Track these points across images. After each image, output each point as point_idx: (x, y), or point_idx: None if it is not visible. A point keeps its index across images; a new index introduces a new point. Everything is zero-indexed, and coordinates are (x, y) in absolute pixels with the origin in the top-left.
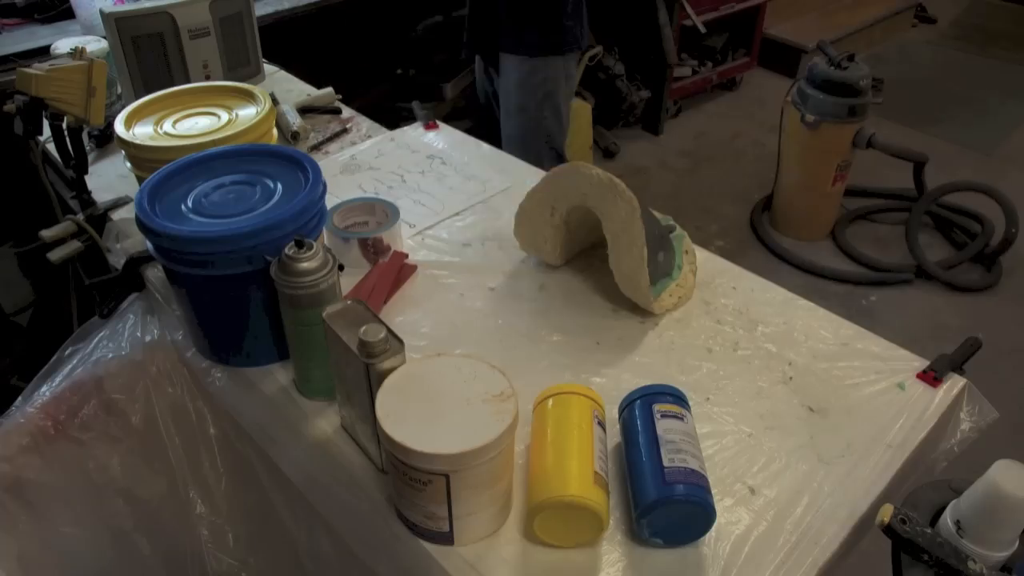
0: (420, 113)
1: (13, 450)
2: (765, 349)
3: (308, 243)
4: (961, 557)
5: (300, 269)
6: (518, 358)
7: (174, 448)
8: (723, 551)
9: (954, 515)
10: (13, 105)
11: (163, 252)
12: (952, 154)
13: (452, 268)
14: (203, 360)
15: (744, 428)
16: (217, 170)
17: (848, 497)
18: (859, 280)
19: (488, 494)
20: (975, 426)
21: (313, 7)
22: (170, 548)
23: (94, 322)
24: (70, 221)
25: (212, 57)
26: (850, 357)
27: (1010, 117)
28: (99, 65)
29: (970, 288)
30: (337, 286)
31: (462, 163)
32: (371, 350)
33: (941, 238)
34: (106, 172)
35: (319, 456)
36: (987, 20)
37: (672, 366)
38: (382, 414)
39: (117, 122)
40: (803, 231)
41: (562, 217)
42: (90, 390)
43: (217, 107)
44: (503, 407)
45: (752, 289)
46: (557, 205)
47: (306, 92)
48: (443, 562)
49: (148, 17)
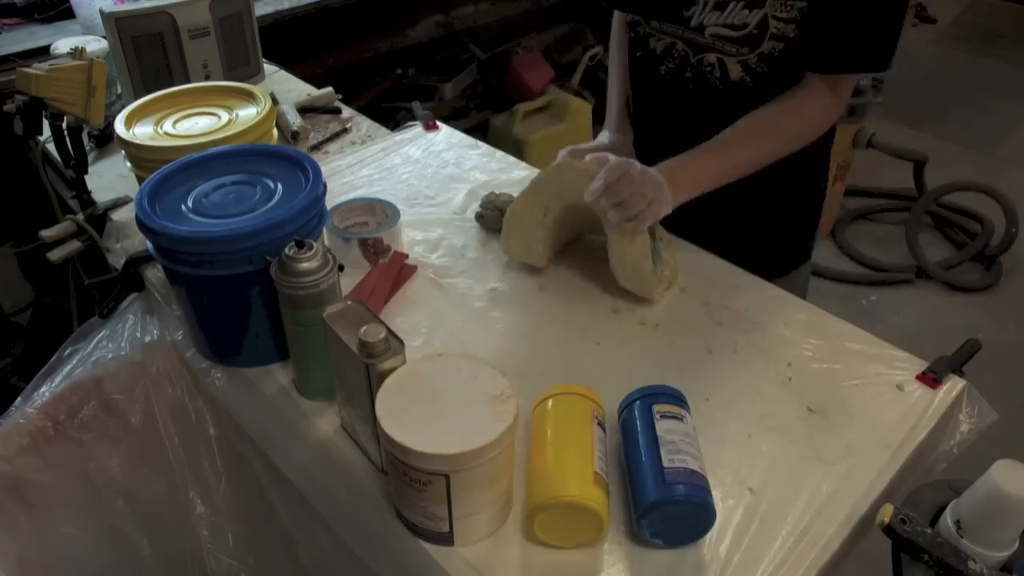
0: (420, 113)
1: (13, 450)
2: (765, 350)
3: (308, 243)
4: (961, 557)
5: (300, 269)
6: (518, 358)
7: (174, 448)
8: (723, 552)
9: (954, 515)
10: (13, 105)
11: (163, 252)
12: (952, 154)
13: (452, 269)
14: (203, 360)
15: (744, 429)
16: (217, 170)
17: (848, 498)
18: (859, 280)
19: (488, 494)
20: (974, 428)
21: (313, 7)
22: (170, 548)
23: (94, 322)
24: (70, 221)
25: (212, 57)
26: (850, 358)
27: (1010, 117)
28: (99, 65)
29: (970, 288)
30: (337, 286)
31: (462, 163)
32: (371, 350)
33: (941, 238)
34: (106, 172)
35: (319, 456)
36: (987, 20)
37: (672, 367)
38: (382, 414)
39: (117, 122)
40: None
41: (555, 217)
42: (90, 390)
43: (217, 107)
44: (503, 407)
45: (752, 290)
46: (551, 205)
47: (306, 92)
48: (443, 562)
49: (148, 17)
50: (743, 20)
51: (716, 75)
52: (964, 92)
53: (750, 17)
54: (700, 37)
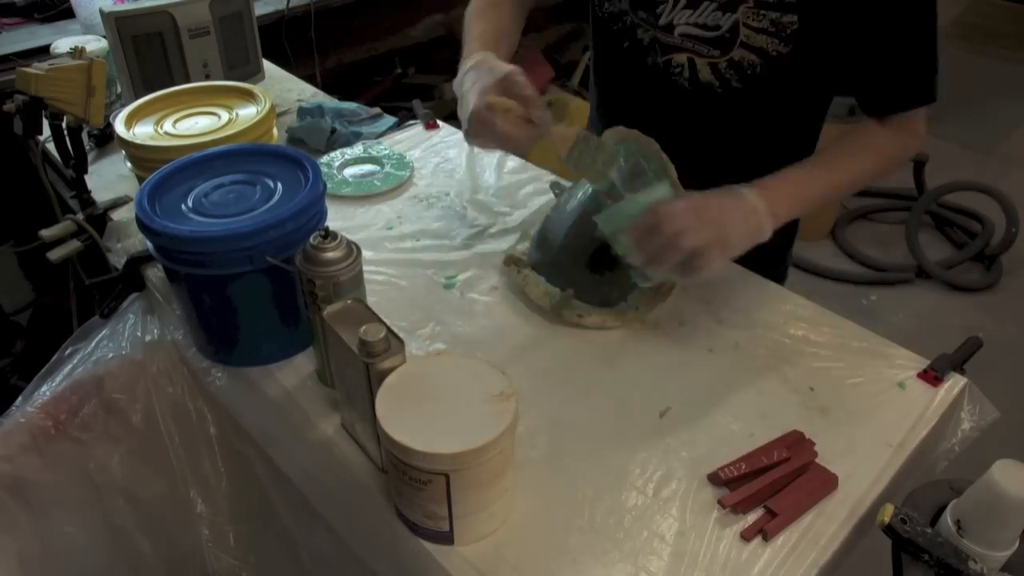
0: (421, 111)
1: (13, 450)
2: (766, 348)
3: (333, 233)
4: (961, 557)
5: (325, 259)
6: (518, 358)
7: (174, 448)
8: (723, 551)
9: (954, 515)
10: (13, 105)
11: (163, 252)
12: (952, 153)
13: (453, 267)
14: (203, 359)
15: (745, 428)
16: (217, 170)
17: (848, 497)
18: (859, 280)
19: (488, 493)
20: (976, 425)
21: (313, 7)
22: (170, 547)
23: (94, 322)
24: (70, 221)
25: (212, 57)
26: (851, 356)
27: (1010, 117)
28: (99, 65)
29: (970, 288)
30: (360, 276)
31: (462, 162)
32: (371, 350)
33: (941, 238)
34: (106, 172)
35: (319, 455)
36: (987, 20)
37: (672, 365)
38: (382, 414)
39: (117, 122)
40: (803, 231)
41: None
42: (90, 390)
43: (217, 107)
44: (503, 407)
45: (752, 289)
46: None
47: (308, 92)
48: (443, 562)
49: (148, 16)
50: (715, 22)
51: (685, 75)
52: (964, 92)
53: (723, 20)
54: (668, 36)
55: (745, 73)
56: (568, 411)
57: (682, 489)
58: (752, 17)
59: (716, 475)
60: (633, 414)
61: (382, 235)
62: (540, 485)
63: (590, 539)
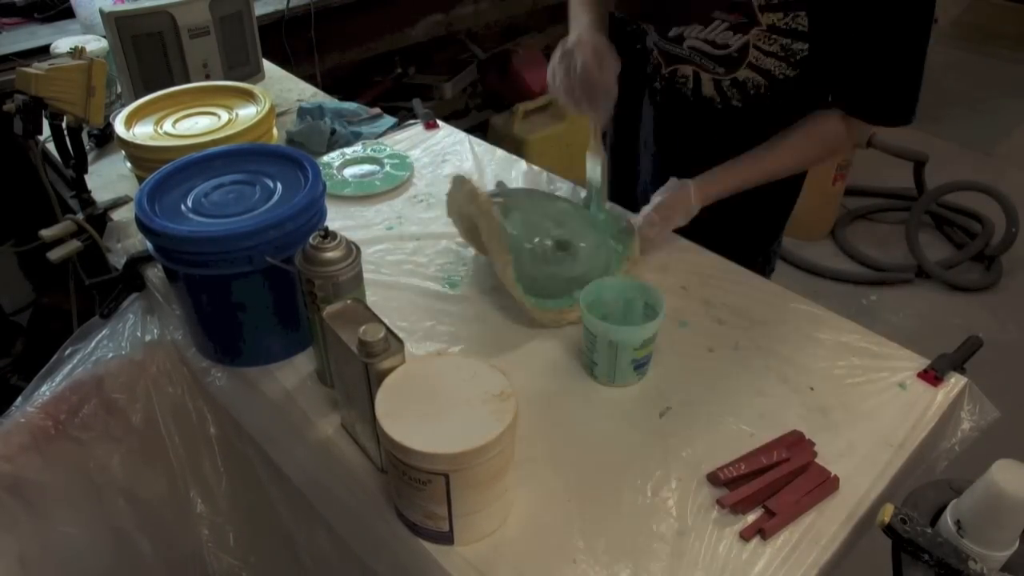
0: (421, 111)
1: (13, 450)
2: (766, 348)
3: (332, 233)
4: (961, 557)
5: (325, 259)
6: (518, 358)
7: (174, 448)
8: (723, 551)
9: (954, 515)
10: (13, 105)
11: (163, 252)
12: (952, 153)
13: (452, 267)
14: (203, 359)
15: (745, 428)
16: (217, 170)
17: (848, 497)
18: (859, 280)
19: (488, 493)
20: (976, 425)
21: (313, 7)
22: (171, 547)
23: (94, 322)
24: (70, 221)
25: (212, 57)
26: (851, 356)
27: (1010, 116)
28: (99, 64)
29: (970, 288)
30: (360, 276)
31: (462, 162)
32: (371, 350)
33: (941, 238)
34: (106, 172)
35: (319, 455)
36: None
37: (673, 365)
38: (382, 414)
39: (117, 122)
40: (803, 231)
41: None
42: (90, 390)
43: (217, 107)
44: (503, 406)
45: (752, 289)
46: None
47: (308, 92)
48: (443, 561)
49: (148, 16)
50: (725, 40)
51: (688, 87)
52: (964, 92)
53: (733, 40)
54: (676, 47)
55: (748, 92)
56: (567, 411)
57: (681, 489)
58: (764, 40)
59: (716, 475)
60: (633, 414)
61: (382, 235)
62: (540, 485)
63: (589, 539)
